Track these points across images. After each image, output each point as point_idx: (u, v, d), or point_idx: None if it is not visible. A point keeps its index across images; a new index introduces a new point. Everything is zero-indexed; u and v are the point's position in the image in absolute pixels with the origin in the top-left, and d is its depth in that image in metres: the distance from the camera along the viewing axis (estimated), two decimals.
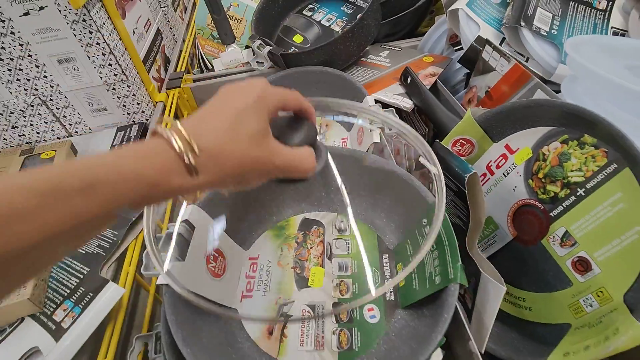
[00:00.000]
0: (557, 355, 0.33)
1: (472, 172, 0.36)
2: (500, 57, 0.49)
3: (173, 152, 0.20)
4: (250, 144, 0.22)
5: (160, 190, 0.20)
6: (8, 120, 0.59)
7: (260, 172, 0.23)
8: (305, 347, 0.34)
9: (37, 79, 0.56)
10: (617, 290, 0.32)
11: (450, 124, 0.50)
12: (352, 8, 0.73)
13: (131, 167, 0.19)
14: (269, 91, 0.24)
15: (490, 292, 0.34)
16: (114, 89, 0.59)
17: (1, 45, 0.51)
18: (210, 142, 0.21)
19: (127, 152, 0.19)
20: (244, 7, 0.78)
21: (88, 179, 0.17)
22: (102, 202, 0.18)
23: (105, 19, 0.54)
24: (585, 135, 0.36)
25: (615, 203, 0.33)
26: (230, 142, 0.21)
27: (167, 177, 0.20)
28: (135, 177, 0.19)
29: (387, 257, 0.41)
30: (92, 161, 0.18)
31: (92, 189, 0.17)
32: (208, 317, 0.33)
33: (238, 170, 0.22)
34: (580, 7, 0.55)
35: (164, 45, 0.78)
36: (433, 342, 0.27)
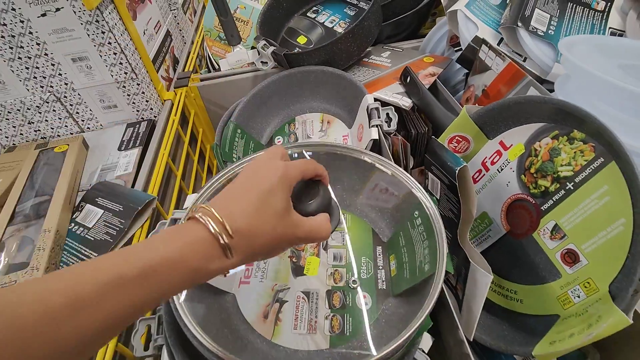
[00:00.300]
0: (543, 344, 0.34)
1: (462, 165, 0.37)
2: (496, 56, 0.50)
3: (210, 236, 0.22)
4: (276, 223, 0.24)
5: (200, 274, 0.21)
6: (25, 116, 0.62)
7: (285, 245, 0.26)
8: (299, 330, 0.35)
9: (53, 77, 0.59)
10: (603, 280, 0.33)
11: (447, 122, 0.51)
12: (354, 10, 0.75)
13: (177, 256, 0.20)
14: (290, 168, 0.26)
15: (478, 280, 0.35)
16: (124, 87, 0.62)
17: (19, 44, 0.54)
18: (242, 224, 0.22)
19: (172, 238, 0.21)
20: (250, 10, 0.81)
21: (143, 269, 0.19)
22: (155, 290, 0.20)
23: (117, 20, 0.57)
24: (574, 130, 0.37)
25: (602, 196, 0.34)
26: (259, 223, 0.23)
27: (207, 263, 0.21)
28: (182, 265, 0.20)
29: (380, 249, 0.42)
30: (144, 250, 0.20)
31: (146, 278, 0.19)
32: (206, 298, 0.35)
33: (266, 247, 0.24)
34: (579, 8, 0.56)
35: (173, 46, 0.81)
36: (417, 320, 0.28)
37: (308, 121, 0.67)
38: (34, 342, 0.16)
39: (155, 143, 0.60)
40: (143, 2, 0.68)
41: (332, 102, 0.67)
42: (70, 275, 0.18)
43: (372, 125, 0.52)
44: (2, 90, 0.59)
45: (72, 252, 0.43)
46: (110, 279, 0.18)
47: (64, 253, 0.43)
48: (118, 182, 0.54)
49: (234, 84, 0.72)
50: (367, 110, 0.55)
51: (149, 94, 0.64)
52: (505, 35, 0.56)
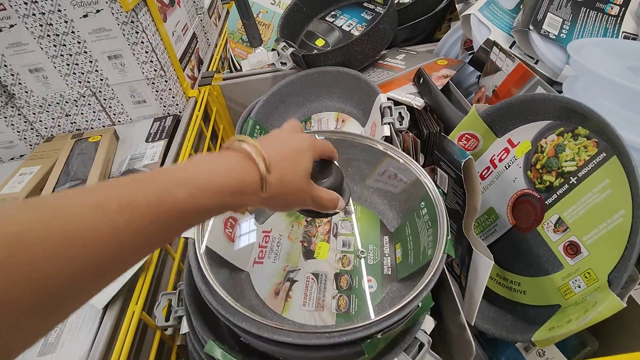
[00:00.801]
0: (543, 330, 0.35)
1: (467, 157, 0.39)
2: (506, 58, 0.51)
3: (252, 165, 0.23)
4: (302, 178, 0.27)
5: (236, 201, 0.23)
6: (63, 108, 0.68)
7: (302, 201, 0.28)
8: (307, 307, 0.38)
9: (90, 73, 0.64)
10: (603, 270, 0.34)
11: (458, 121, 0.53)
12: (371, 14, 0.77)
13: (225, 180, 0.22)
14: (317, 142, 0.30)
15: (479, 266, 0.36)
16: (153, 84, 0.66)
17: (63, 42, 0.60)
18: (279, 166, 0.25)
19: (224, 163, 0.23)
20: (271, 14, 0.85)
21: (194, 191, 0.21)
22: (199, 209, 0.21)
23: (149, 21, 0.62)
24: (579, 127, 0.38)
25: (604, 189, 0.35)
26: (291, 171, 0.26)
27: (244, 189, 0.23)
28: (226, 188, 0.22)
29: (387, 238, 0.44)
30: (197, 172, 0.21)
31: (195, 197, 0.20)
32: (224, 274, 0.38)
33: (290, 196, 0.27)
34: (592, 13, 0.57)
35: (198, 47, 0.86)
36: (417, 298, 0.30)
37: (324, 119, 0.70)
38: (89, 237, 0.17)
39: (180, 136, 0.64)
40: (173, 5, 0.73)
41: (347, 101, 0.69)
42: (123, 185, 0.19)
43: (385, 123, 0.55)
44: (44, 84, 0.64)
45: None
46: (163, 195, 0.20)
47: None
48: (145, 170, 0.58)
49: (254, 83, 0.76)
50: (380, 109, 0.57)
51: (175, 91, 0.69)
52: (518, 38, 0.57)
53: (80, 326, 0.39)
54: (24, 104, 0.66)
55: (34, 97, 0.66)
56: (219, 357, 0.32)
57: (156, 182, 0.20)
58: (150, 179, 0.20)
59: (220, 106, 0.79)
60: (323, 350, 0.30)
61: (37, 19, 0.57)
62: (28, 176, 0.59)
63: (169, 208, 0.20)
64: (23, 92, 0.65)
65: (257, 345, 0.32)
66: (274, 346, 0.30)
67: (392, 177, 0.46)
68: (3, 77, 0.63)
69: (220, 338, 0.34)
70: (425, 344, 0.34)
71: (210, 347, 0.32)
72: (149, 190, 0.19)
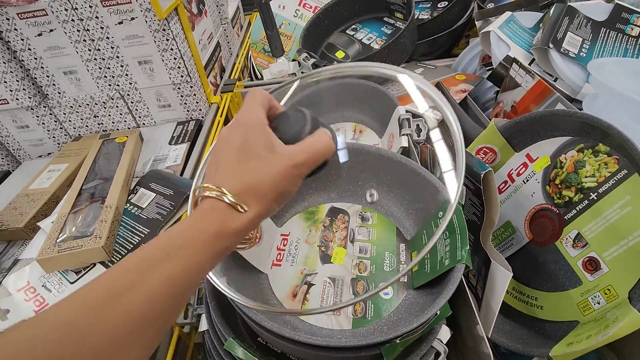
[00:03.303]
0: (561, 345, 0.35)
1: (487, 170, 0.40)
2: (526, 74, 0.52)
3: (216, 201, 0.22)
4: (267, 164, 0.23)
5: (223, 237, 0.22)
6: (92, 110, 0.71)
7: (292, 179, 0.24)
8: None
9: (120, 77, 0.67)
10: (623, 287, 0.34)
11: (475, 135, 0.54)
12: (391, 29, 0.79)
13: (193, 228, 0.22)
14: (250, 110, 0.26)
15: (497, 278, 0.37)
16: (179, 89, 0.69)
17: (97, 47, 0.63)
18: (237, 181, 0.23)
19: (186, 219, 0.22)
20: (294, 26, 0.88)
21: (165, 248, 0.21)
22: (184, 264, 0.21)
23: (179, 29, 0.65)
24: (599, 144, 0.39)
25: (624, 206, 0.35)
26: (251, 172, 0.23)
27: (224, 224, 0.22)
28: (201, 234, 0.21)
29: (403, 246, 0.45)
30: (164, 234, 0.22)
31: (171, 255, 0.20)
32: (243, 274, 0.39)
33: (274, 189, 0.24)
34: (612, 33, 0.58)
35: (221, 56, 0.89)
36: (436, 305, 0.30)
37: (341, 129, 0.71)
38: (81, 333, 0.17)
39: (202, 140, 0.66)
40: (200, 15, 0.77)
41: (365, 112, 0.71)
42: (110, 271, 0.20)
43: (403, 134, 0.56)
44: (77, 86, 0.68)
45: (127, 228, 0.49)
46: (139, 263, 0.20)
47: (120, 228, 0.49)
48: (168, 171, 0.60)
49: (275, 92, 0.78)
50: (398, 121, 0.58)
51: (199, 97, 0.71)
52: (537, 56, 0.58)
53: None
54: (56, 104, 0.69)
55: (66, 97, 0.69)
56: (239, 355, 0.32)
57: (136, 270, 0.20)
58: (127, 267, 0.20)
59: None
60: (342, 352, 0.30)
61: (76, 25, 0.60)
62: (56, 173, 0.62)
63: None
64: (56, 93, 0.68)
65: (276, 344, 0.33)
66: (294, 346, 0.30)
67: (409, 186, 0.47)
68: (39, 78, 0.66)
69: (239, 337, 0.35)
70: (442, 353, 0.35)
71: (231, 345, 0.33)
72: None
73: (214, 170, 0.24)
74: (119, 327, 0.18)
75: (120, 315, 0.18)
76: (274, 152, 0.24)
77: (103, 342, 0.18)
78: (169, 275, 0.20)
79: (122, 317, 0.18)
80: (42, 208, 0.55)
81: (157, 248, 0.21)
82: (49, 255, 0.43)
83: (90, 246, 0.43)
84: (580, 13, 0.58)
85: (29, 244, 0.52)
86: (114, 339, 0.18)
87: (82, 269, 0.44)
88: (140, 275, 0.19)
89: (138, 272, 0.20)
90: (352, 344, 0.29)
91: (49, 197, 0.57)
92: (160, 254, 0.20)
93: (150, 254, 0.20)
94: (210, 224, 0.22)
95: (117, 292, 0.19)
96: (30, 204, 0.56)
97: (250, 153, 0.24)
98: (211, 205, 0.22)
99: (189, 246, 0.21)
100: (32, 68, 0.65)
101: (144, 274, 0.20)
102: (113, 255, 0.45)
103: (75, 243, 0.44)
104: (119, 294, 0.19)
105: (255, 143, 0.24)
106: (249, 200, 0.23)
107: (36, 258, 0.43)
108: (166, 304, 0.20)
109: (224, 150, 0.24)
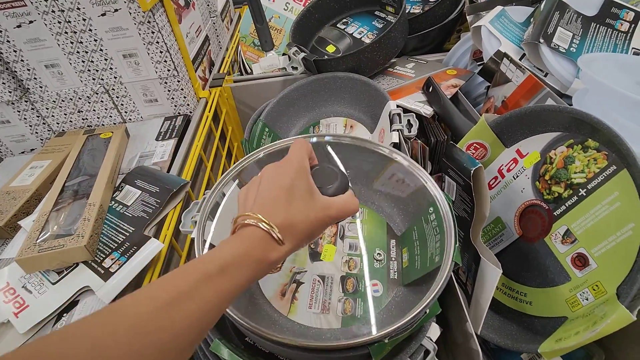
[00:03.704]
0: (550, 341, 0.35)
1: (477, 165, 0.39)
2: (516, 69, 0.52)
3: (264, 233, 0.26)
4: (307, 209, 0.28)
5: (263, 264, 0.26)
6: (76, 105, 0.69)
7: (322, 226, 0.29)
8: (313, 309, 0.38)
9: (104, 70, 0.65)
10: (611, 283, 0.34)
11: (466, 130, 0.53)
12: (382, 23, 0.78)
13: (243, 252, 0.25)
14: (299, 155, 0.30)
15: (487, 275, 0.37)
16: (165, 83, 0.67)
17: (80, 39, 0.61)
18: (281, 219, 0.27)
19: (237, 241, 0.26)
20: (284, 19, 0.86)
21: (222, 266, 0.24)
22: (233, 281, 0.24)
23: (165, 22, 0.63)
24: (588, 139, 0.39)
25: (613, 202, 0.35)
26: (294, 213, 0.27)
27: (267, 253, 0.26)
28: (248, 259, 0.25)
29: (393, 242, 0.44)
30: (219, 253, 0.25)
31: (224, 272, 0.24)
32: None
33: (307, 231, 0.28)
34: (602, 28, 0.58)
35: (210, 49, 0.87)
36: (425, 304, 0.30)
37: (332, 124, 0.71)
38: (150, 328, 0.20)
39: (190, 136, 0.65)
40: (188, 7, 0.75)
41: (356, 107, 0.70)
42: (171, 277, 0.23)
43: (393, 130, 0.55)
44: (59, 80, 0.65)
45: (111, 226, 0.48)
46: (199, 276, 0.23)
47: (105, 226, 0.48)
48: (154, 167, 0.58)
49: (264, 86, 0.77)
50: (389, 116, 0.58)
51: (186, 91, 0.70)
52: (528, 50, 0.58)
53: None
54: (38, 98, 0.67)
55: (48, 92, 0.67)
56: (225, 356, 0.32)
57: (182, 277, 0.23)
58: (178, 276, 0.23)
59: (230, 108, 0.80)
60: (330, 353, 0.30)
61: (57, 16, 0.58)
62: (39, 170, 0.60)
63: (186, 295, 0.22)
64: (38, 87, 0.66)
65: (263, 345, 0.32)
66: (282, 347, 0.30)
67: (399, 182, 0.46)
68: (19, 71, 0.64)
69: (226, 337, 0.34)
70: (431, 351, 0.34)
71: (217, 346, 0.32)
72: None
73: (263, 201, 0.28)
74: (182, 328, 0.21)
75: (179, 316, 0.21)
76: (314, 200, 0.29)
77: (169, 339, 0.20)
78: (221, 290, 0.23)
79: (180, 318, 0.21)
80: (23, 206, 0.54)
81: (212, 263, 0.24)
82: (29, 255, 0.41)
83: (72, 245, 0.42)
84: (571, 8, 0.58)
85: (9, 243, 0.51)
86: (177, 335, 0.21)
87: (64, 269, 0.43)
88: (198, 286, 0.22)
89: (197, 282, 0.22)
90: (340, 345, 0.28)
91: (31, 195, 0.55)
92: (216, 269, 0.23)
93: (207, 268, 0.23)
94: (257, 251, 0.26)
95: (180, 297, 0.21)
96: (11, 202, 0.54)
97: (296, 196, 0.28)
98: (260, 236, 0.26)
99: (239, 267, 0.24)
100: (12, 61, 0.62)
101: (201, 285, 0.22)
102: (96, 255, 0.44)
103: (57, 242, 0.42)
104: (181, 299, 0.21)
105: (301, 188, 0.28)
106: (287, 236, 0.27)
107: (16, 258, 0.41)
108: (214, 315, 0.23)
109: (273, 187, 0.28)
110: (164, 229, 0.46)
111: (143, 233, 0.45)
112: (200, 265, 0.24)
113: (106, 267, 0.41)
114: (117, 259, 0.42)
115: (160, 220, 0.47)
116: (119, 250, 0.43)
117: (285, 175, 0.29)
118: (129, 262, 0.41)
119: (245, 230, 0.26)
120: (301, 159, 0.30)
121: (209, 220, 0.38)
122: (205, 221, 0.37)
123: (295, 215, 0.27)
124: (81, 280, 0.41)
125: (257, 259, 0.25)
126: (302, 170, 0.29)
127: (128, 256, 0.42)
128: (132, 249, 0.43)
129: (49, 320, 0.40)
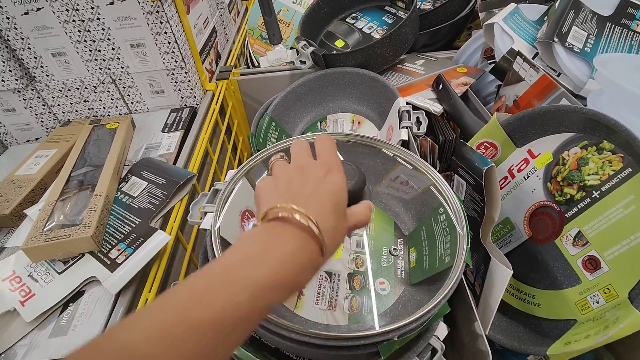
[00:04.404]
0: (558, 344, 0.35)
1: (490, 165, 0.39)
2: (530, 68, 0.51)
3: (311, 240, 0.23)
4: (344, 220, 0.26)
5: (307, 273, 0.24)
6: (82, 94, 0.68)
7: (344, 236, 0.27)
8: (320, 305, 0.38)
9: (112, 60, 0.64)
10: (623, 287, 0.33)
11: (476, 129, 0.53)
12: (392, 18, 0.77)
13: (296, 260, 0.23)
14: (339, 161, 0.28)
15: (497, 275, 0.36)
16: (172, 74, 0.67)
17: (87, 28, 0.60)
18: (328, 226, 0.24)
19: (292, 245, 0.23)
20: (292, 12, 0.85)
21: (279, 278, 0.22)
22: (285, 292, 0.22)
23: (174, 12, 0.62)
24: (604, 141, 0.38)
25: (628, 205, 0.35)
26: (338, 223, 0.25)
27: (306, 268, 0.23)
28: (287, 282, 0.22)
29: (401, 241, 0.44)
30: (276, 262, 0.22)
31: (282, 285, 0.22)
32: None
33: (338, 244, 0.26)
34: (617, 29, 0.57)
35: (217, 42, 0.86)
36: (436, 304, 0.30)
37: (339, 120, 0.70)
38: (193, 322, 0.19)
39: (196, 128, 0.64)
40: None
41: (364, 103, 0.69)
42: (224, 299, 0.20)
43: (402, 127, 0.55)
44: (66, 69, 0.65)
45: (117, 217, 0.47)
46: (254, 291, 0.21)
47: (110, 217, 0.47)
48: (160, 159, 0.58)
49: (271, 80, 0.76)
50: (398, 113, 0.57)
51: (193, 83, 0.69)
52: (541, 49, 0.57)
53: (92, 311, 0.39)
54: (44, 87, 0.67)
55: (54, 81, 0.66)
56: None
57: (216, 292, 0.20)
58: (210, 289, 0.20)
59: (236, 101, 0.79)
60: (338, 350, 0.29)
61: (64, 4, 0.57)
62: (44, 159, 0.59)
63: (233, 318, 0.20)
64: (44, 76, 0.65)
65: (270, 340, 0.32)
66: (288, 341, 0.29)
67: (406, 183, 0.46)
68: (26, 59, 0.63)
69: None
70: (439, 350, 0.34)
71: None
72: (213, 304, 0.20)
73: (308, 198, 0.25)
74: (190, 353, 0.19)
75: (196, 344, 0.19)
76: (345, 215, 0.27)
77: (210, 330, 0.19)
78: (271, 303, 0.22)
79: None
80: (28, 195, 0.53)
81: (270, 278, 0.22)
82: (36, 244, 0.41)
83: (78, 235, 0.42)
84: (586, 7, 0.57)
85: (15, 232, 0.50)
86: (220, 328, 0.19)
87: (70, 259, 0.43)
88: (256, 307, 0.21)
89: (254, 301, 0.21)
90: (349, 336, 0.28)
91: (36, 184, 0.55)
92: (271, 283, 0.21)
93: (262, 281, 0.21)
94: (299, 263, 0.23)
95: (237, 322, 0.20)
96: (17, 190, 0.54)
97: (340, 205, 0.26)
98: (307, 243, 0.23)
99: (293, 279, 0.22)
100: (19, 49, 0.62)
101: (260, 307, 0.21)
102: (102, 246, 0.43)
103: (63, 232, 0.42)
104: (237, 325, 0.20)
105: (343, 203, 0.26)
106: (329, 245, 0.24)
107: (22, 247, 0.41)
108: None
109: (325, 188, 0.26)
110: (170, 221, 0.46)
111: (150, 225, 0.45)
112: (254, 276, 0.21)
113: (112, 258, 0.41)
114: (124, 250, 0.42)
115: (166, 213, 0.47)
116: (125, 241, 0.43)
117: (334, 185, 0.26)
118: (136, 254, 0.41)
119: (292, 234, 0.23)
120: (340, 164, 0.28)
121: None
122: (220, 212, 0.37)
123: (338, 225, 0.25)
124: (87, 270, 0.41)
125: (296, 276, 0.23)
126: (344, 186, 0.27)
127: (135, 247, 0.41)
128: (138, 241, 0.42)
129: (55, 309, 0.40)
